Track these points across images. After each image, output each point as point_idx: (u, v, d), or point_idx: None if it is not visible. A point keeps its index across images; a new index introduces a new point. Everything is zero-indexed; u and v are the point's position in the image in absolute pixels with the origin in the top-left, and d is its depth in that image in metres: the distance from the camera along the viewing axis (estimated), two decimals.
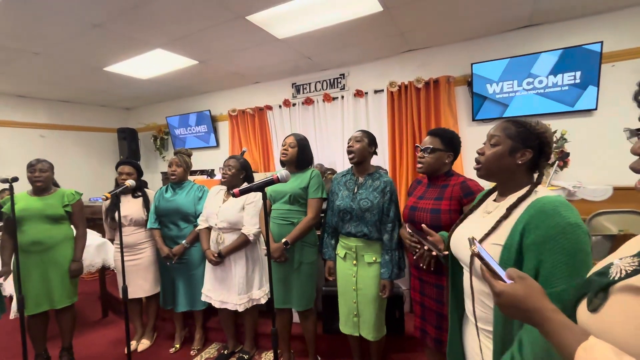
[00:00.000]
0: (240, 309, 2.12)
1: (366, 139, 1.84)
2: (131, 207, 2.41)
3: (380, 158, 3.67)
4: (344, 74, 3.87)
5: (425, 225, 1.28)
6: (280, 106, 4.25)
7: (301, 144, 2.04)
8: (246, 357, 2.32)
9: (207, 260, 2.23)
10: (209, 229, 2.23)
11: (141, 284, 2.43)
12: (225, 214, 2.13)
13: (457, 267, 1.12)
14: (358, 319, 1.86)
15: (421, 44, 3.32)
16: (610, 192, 2.56)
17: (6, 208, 2.03)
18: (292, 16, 2.55)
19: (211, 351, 2.48)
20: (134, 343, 2.54)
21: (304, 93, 4.11)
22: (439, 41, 3.27)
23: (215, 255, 2.11)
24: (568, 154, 2.76)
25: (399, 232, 1.76)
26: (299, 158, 2.02)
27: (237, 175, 2.18)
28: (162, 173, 4.78)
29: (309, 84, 4.07)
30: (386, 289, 1.77)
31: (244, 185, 1.78)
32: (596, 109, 2.77)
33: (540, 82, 2.92)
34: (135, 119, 5.60)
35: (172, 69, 3.60)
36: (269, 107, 4.31)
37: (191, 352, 2.46)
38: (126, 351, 2.07)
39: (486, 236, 0.93)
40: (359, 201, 1.79)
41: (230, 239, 2.13)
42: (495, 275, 0.65)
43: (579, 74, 2.77)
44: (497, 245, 0.89)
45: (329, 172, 3.48)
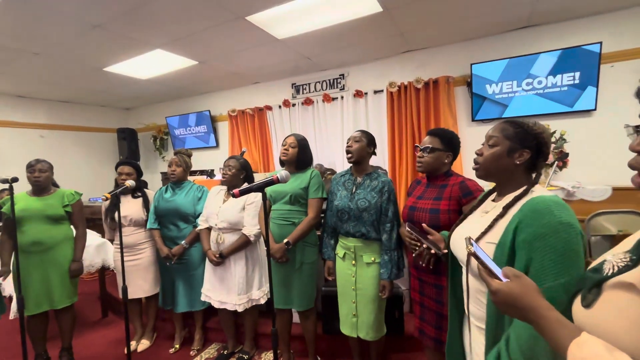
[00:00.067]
0: (240, 309, 2.13)
1: (365, 139, 1.84)
2: (131, 207, 2.41)
3: (380, 158, 3.68)
4: (343, 74, 3.87)
5: (424, 225, 1.29)
6: (279, 106, 4.25)
7: (301, 144, 2.04)
8: (246, 357, 2.32)
9: (207, 260, 2.24)
10: (209, 229, 2.23)
11: (141, 284, 2.43)
12: (226, 214, 2.13)
13: (457, 266, 1.13)
14: (356, 319, 1.86)
15: (421, 44, 3.32)
16: (609, 192, 2.57)
17: (6, 208, 2.03)
18: (292, 16, 2.55)
19: (211, 351, 2.48)
20: (133, 343, 2.55)
21: (303, 93, 4.12)
22: (439, 41, 3.27)
23: (216, 256, 2.12)
24: (567, 155, 2.77)
25: (398, 232, 1.77)
26: (299, 158, 2.03)
27: (238, 175, 2.18)
28: (162, 173, 4.77)
29: (309, 84, 4.07)
30: (386, 289, 1.77)
31: (244, 186, 1.78)
32: (595, 109, 2.78)
33: (540, 82, 2.93)
34: (135, 119, 5.60)
35: (172, 69, 3.61)
36: (269, 108, 4.31)
37: (191, 353, 2.46)
38: (126, 351, 2.07)
39: (482, 235, 0.94)
40: (356, 201, 1.79)
41: (230, 239, 2.13)
42: (492, 274, 0.67)
43: (578, 74, 2.78)
44: (491, 243, 0.90)
45: (328, 172, 3.48)
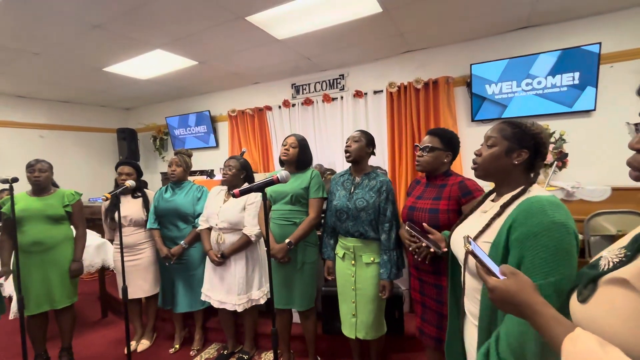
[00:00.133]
0: (240, 309, 2.13)
1: (364, 139, 1.85)
2: (131, 207, 2.41)
3: (379, 159, 3.68)
4: (343, 75, 3.87)
5: (425, 224, 1.30)
6: (279, 107, 4.26)
7: (302, 144, 2.05)
8: (246, 357, 2.32)
9: (207, 260, 2.24)
10: (209, 229, 2.23)
11: (141, 285, 2.43)
12: (226, 214, 2.13)
13: (457, 266, 1.14)
14: (356, 319, 1.86)
15: (420, 44, 3.33)
16: (608, 192, 2.57)
17: (6, 208, 2.03)
18: (292, 17, 2.55)
19: (211, 351, 2.48)
20: (133, 343, 2.55)
21: (303, 94, 4.12)
22: (438, 42, 3.28)
23: (218, 256, 2.12)
24: (567, 155, 2.77)
25: (397, 232, 1.77)
26: (299, 158, 2.03)
27: (238, 175, 2.19)
28: (162, 173, 4.78)
29: (309, 84, 4.07)
30: (386, 290, 1.77)
31: (244, 186, 1.79)
32: (595, 109, 2.78)
33: (539, 83, 2.93)
34: (134, 119, 5.60)
35: (172, 69, 3.61)
36: (269, 108, 4.31)
37: (191, 353, 2.46)
38: (126, 351, 2.08)
39: (480, 234, 0.95)
40: (355, 201, 1.80)
41: (231, 239, 2.14)
42: (490, 272, 0.68)
43: (577, 74, 2.78)
44: (487, 243, 0.91)
45: (328, 172, 3.49)
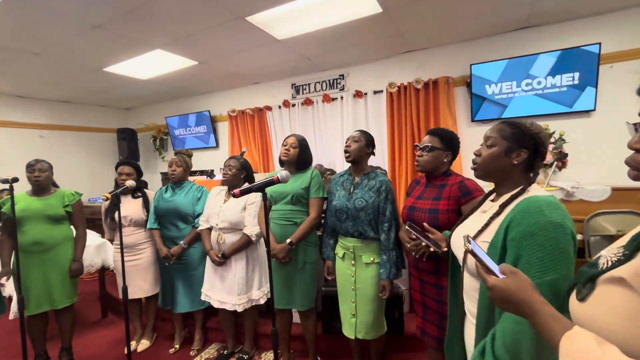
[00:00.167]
0: (239, 309, 2.13)
1: (364, 139, 1.85)
2: (131, 207, 2.41)
3: (379, 159, 3.68)
4: (343, 75, 3.87)
5: (425, 224, 1.30)
6: (279, 107, 4.26)
7: (302, 144, 2.05)
8: (246, 358, 2.32)
9: (207, 260, 2.24)
10: (210, 229, 2.23)
11: (141, 285, 2.43)
12: (226, 214, 2.13)
13: (457, 266, 1.14)
14: (355, 319, 1.86)
15: (420, 44, 3.33)
16: (608, 192, 2.57)
17: (6, 208, 2.03)
18: (292, 17, 2.55)
19: (211, 351, 2.48)
20: (133, 343, 2.55)
21: (303, 94, 4.12)
22: (438, 42, 3.28)
23: (218, 256, 2.12)
24: (566, 155, 2.77)
25: (396, 232, 1.77)
26: (299, 158, 2.04)
27: (238, 175, 2.19)
28: (162, 173, 4.77)
29: (309, 84, 4.07)
30: (386, 290, 1.77)
31: (244, 186, 1.79)
32: (594, 109, 2.78)
33: (539, 83, 2.93)
34: (134, 119, 5.60)
35: (172, 69, 3.61)
36: (269, 108, 4.31)
37: (191, 353, 2.46)
38: (126, 351, 2.08)
39: (478, 234, 0.95)
40: (354, 201, 1.80)
41: (231, 239, 2.14)
42: (489, 271, 0.69)
43: (577, 75, 2.78)
44: (486, 242, 0.91)
45: (328, 172, 3.49)
